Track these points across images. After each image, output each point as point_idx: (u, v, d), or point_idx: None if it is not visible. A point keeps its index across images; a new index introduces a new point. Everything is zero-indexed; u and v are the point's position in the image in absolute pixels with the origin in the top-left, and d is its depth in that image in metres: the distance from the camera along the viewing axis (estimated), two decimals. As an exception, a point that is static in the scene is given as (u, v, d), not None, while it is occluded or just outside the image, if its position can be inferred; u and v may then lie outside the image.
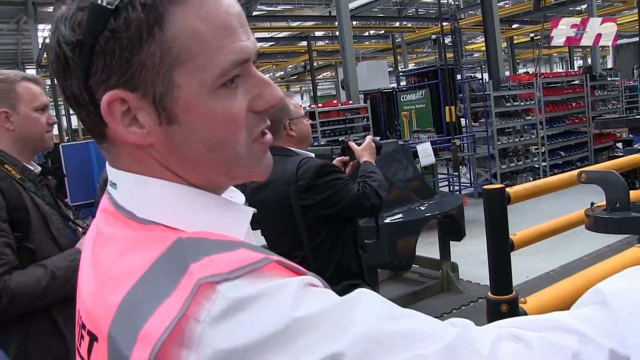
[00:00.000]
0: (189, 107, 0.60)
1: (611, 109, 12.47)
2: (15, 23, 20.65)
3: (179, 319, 0.50)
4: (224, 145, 0.63)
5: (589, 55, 22.28)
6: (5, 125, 1.84)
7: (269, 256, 0.56)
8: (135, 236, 0.60)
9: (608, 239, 5.79)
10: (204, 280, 0.51)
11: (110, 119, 0.60)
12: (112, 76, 0.58)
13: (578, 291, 2.87)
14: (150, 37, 0.57)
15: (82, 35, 0.57)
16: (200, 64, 0.59)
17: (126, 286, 0.56)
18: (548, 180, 3.41)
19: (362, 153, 2.53)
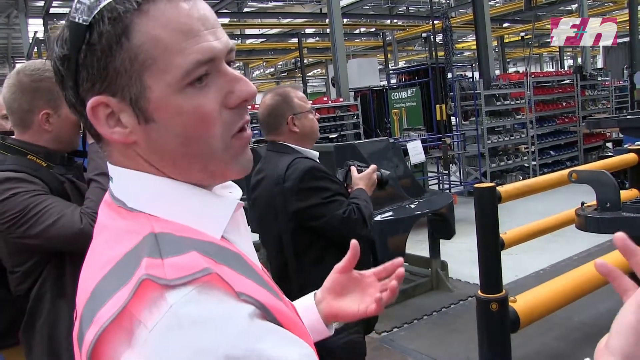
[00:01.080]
0: (160, 106, 0.66)
1: (601, 109, 12.54)
2: (6, 17, 20.47)
3: (122, 307, 0.56)
4: (197, 140, 0.67)
5: (579, 55, 22.41)
6: (44, 127, 1.79)
7: (213, 266, 0.60)
8: (121, 228, 0.67)
9: (598, 239, 5.81)
10: (146, 276, 0.57)
11: (95, 121, 0.67)
12: (95, 84, 0.65)
13: (567, 290, 2.88)
14: (119, 46, 0.64)
15: (68, 50, 0.65)
16: (163, 66, 0.65)
17: (101, 274, 0.62)
18: (539, 180, 3.41)
19: (359, 182, 2.30)
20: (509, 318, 2.56)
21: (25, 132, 1.81)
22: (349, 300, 1.03)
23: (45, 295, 1.76)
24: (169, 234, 0.63)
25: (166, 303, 0.55)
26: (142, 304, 0.56)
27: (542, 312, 2.76)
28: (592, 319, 4.18)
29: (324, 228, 2.14)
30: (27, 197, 1.68)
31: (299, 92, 2.33)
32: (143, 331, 0.55)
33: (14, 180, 1.70)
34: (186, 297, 0.56)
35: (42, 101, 1.76)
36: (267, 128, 2.30)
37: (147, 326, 0.55)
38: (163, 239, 0.62)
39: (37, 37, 16.26)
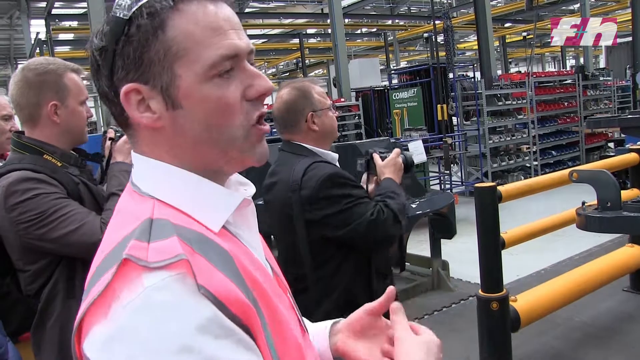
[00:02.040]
0: (188, 94, 0.73)
1: (603, 109, 12.52)
2: (8, 18, 20.49)
3: (105, 285, 0.62)
4: (218, 126, 0.74)
5: (581, 54, 22.40)
6: (53, 118, 1.80)
7: (186, 253, 0.64)
8: (129, 212, 0.73)
9: (598, 238, 5.79)
10: (126, 256, 0.63)
11: (127, 105, 0.74)
12: (129, 73, 0.73)
13: (569, 289, 2.89)
14: (155, 37, 0.72)
15: (106, 42, 0.73)
16: (194, 58, 0.72)
17: (102, 257, 0.69)
18: (539, 179, 3.42)
19: (384, 170, 2.10)
20: (510, 317, 2.57)
21: (35, 127, 1.82)
22: (362, 347, 0.99)
23: (57, 295, 1.77)
24: (165, 220, 0.69)
25: (142, 285, 0.61)
26: (123, 282, 0.62)
27: (542, 312, 2.76)
28: (593, 318, 4.18)
29: (349, 237, 1.92)
30: (48, 199, 1.70)
31: (318, 86, 2.12)
32: (118, 307, 0.61)
33: (34, 181, 1.71)
34: (161, 283, 0.61)
35: (49, 93, 1.78)
36: (283, 125, 2.07)
37: (122, 303, 0.61)
38: (157, 224, 0.68)
39: (39, 38, 16.26)
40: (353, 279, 1.98)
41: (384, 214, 1.92)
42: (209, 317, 0.61)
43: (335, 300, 1.94)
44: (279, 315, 0.74)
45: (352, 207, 1.91)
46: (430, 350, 0.87)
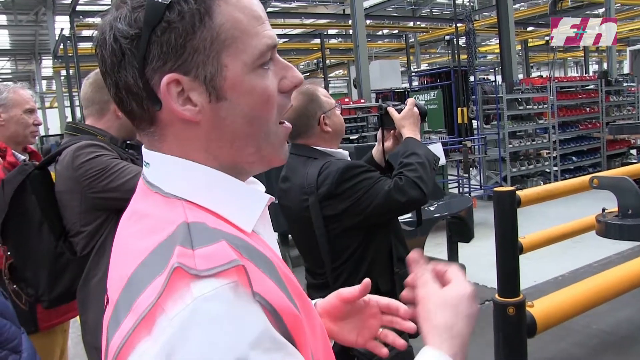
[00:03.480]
0: (235, 85, 0.69)
1: (626, 115, 12.33)
2: (34, 14, 20.83)
3: (157, 297, 0.57)
4: (260, 120, 0.72)
5: (604, 60, 22.11)
6: (117, 114, 2.15)
7: (241, 258, 0.61)
8: (156, 217, 0.68)
9: (618, 246, 5.74)
10: (178, 264, 0.58)
11: (169, 97, 0.68)
12: (167, 62, 0.67)
13: (586, 297, 2.86)
14: (202, 24, 0.67)
15: (139, 29, 0.66)
16: (242, 47, 0.69)
17: (136, 263, 0.63)
18: (559, 185, 3.40)
19: (403, 122, 2.07)
20: (526, 323, 2.56)
21: (101, 119, 2.18)
22: (347, 327, 1.00)
23: (105, 252, 1.99)
24: (202, 224, 0.65)
25: (191, 295, 0.56)
26: (169, 293, 0.57)
27: (559, 318, 2.74)
28: (612, 327, 4.14)
29: (370, 216, 1.94)
30: (108, 158, 2.02)
31: (321, 87, 2.15)
32: (164, 320, 0.55)
33: (96, 146, 2.04)
34: (211, 293, 0.56)
35: None
36: (296, 132, 2.02)
37: (169, 316, 0.55)
38: (195, 229, 0.63)
39: (63, 34, 16.48)
40: (373, 266, 1.99)
41: (401, 181, 1.91)
42: (262, 330, 0.58)
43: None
44: (314, 319, 0.73)
45: (369, 190, 1.92)
46: (459, 306, 0.83)
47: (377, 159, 2.22)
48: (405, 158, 1.98)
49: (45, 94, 29.95)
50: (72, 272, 2.11)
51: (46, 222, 2.09)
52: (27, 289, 2.14)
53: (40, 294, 2.11)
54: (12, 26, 21.94)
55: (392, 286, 2.01)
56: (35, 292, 2.12)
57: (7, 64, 28.58)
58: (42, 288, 2.11)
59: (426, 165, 1.97)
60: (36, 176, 2.10)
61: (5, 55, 26.70)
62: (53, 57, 19.67)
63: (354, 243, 1.99)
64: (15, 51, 26.29)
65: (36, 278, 2.11)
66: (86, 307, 2.07)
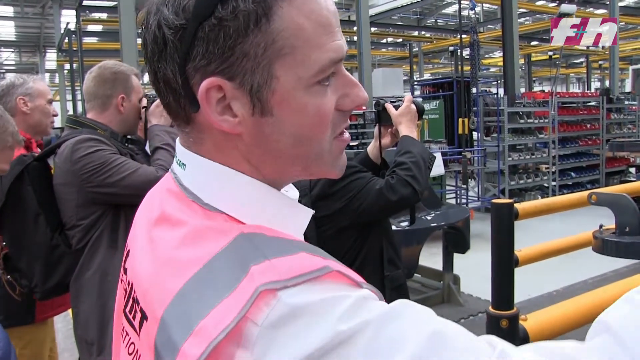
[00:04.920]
0: (284, 101, 0.60)
1: (626, 133, 12.37)
2: (41, 7, 20.86)
3: (237, 321, 0.50)
4: (310, 141, 0.63)
5: (607, 77, 22.17)
6: (119, 108, 2.20)
7: (330, 264, 0.55)
8: (201, 224, 0.61)
9: (614, 264, 5.73)
10: (263, 287, 0.51)
11: (207, 105, 0.60)
12: (211, 63, 0.59)
13: (580, 313, 2.85)
14: (257, 27, 0.58)
15: (185, 19, 0.58)
16: (300, 59, 0.60)
17: (186, 275, 0.56)
18: (557, 199, 3.38)
19: (400, 119, 2.06)
20: (519, 336, 2.54)
21: (103, 113, 2.20)
22: None
23: (101, 246, 2.05)
24: (261, 234, 0.58)
25: (276, 298, 0.50)
26: (253, 307, 0.51)
27: (553, 333, 2.73)
28: (604, 344, 4.13)
29: (362, 215, 1.95)
30: (107, 153, 2.04)
31: None
32: (253, 329, 0.50)
33: (96, 140, 2.06)
34: (296, 289, 0.51)
35: (120, 88, 2.19)
36: None
37: (257, 322, 0.50)
38: (258, 239, 0.57)
39: (69, 28, 16.50)
40: (364, 267, 1.99)
41: (392, 179, 1.92)
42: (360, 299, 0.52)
43: None
44: None
45: (361, 190, 1.93)
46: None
47: (373, 155, 2.21)
48: (400, 157, 1.98)
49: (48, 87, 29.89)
50: (66, 265, 2.12)
51: (42, 214, 2.09)
52: (21, 280, 2.13)
53: (33, 286, 2.12)
54: (18, 18, 21.97)
55: (382, 288, 2.00)
56: (29, 284, 2.12)
57: (11, 55, 28.59)
58: (35, 279, 2.12)
59: (420, 163, 1.96)
60: (34, 167, 2.10)
61: (10, 46, 26.72)
62: (57, 51, 19.68)
63: (346, 244, 2.00)
64: (20, 43, 26.32)
65: (30, 269, 2.11)
66: (78, 300, 2.08)
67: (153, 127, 2.27)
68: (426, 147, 2.04)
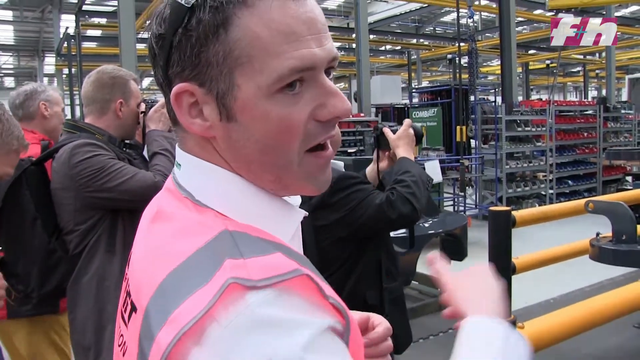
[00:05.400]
0: (246, 108, 0.62)
1: (623, 142, 12.42)
2: (40, 12, 20.87)
3: (205, 311, 0.52)
4: (275, 149, 0.64)
5: (604, 86, 22.27)
6: (118, 113, 2.19)
7: (301, 267, 0.56)
8: (190, 220, 0.63)
9: (611, 271, 5.73)
10: (233, 280, 0.53)
11: (177, 108, 0.65)
12: (185, 69, 0.63)
13: (577, 321, 2.86)
14: (215, 37, 0.60)
15: (165, 30, 0.63)
16: (258, 67, 0.61)
17: (170, 267, 0.58)
18: (554, 207, 3.40)
19: (398, 143, 2.08)
20: (516, 344, 2.55)
21: (101, 117, 2.18)
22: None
23: (98, 251, 2.02)
24: (244, 233, 0.60)
25: (244, 301, 0.52)
26: (221, 304, 0.52)
27: (549, 341, 2.74)
28: (601, 352, 4.13)
29: (361, 228, 1.93)
30: (105, 158, 2.03)
31: None
32: (216, 329, 0.51)
33: (93, 145, 2.05)
34: (265, 298, 0.52)
35: (118, 92, 2.18)
36: None
37: (221, 324, 0.51)
38: (240, 238, 0.59)
39: (68, 33, 16.52)
40: (361, 279, 1.99)
41: (393, 196, 1.90)
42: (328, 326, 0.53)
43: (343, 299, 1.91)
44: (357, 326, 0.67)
45: (361, 202, 1.92)
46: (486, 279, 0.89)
47: (371, 178, 2.22)
48: (399, 175, 1.98)
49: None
50: (63, 270, 2.12)
51: (39, 219, 2.08)
52: (18, 285, 2.13)
53: (30, 290, 2.11)
54: (17, 22, 21.97)
55: (380, 301, 2.00)
56: (26, 288, 2.12)
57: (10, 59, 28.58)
58: (32, 284, 2.11)
59: (419, 183, 1.96)
60: (32, 172, 2.09)
61: (9, 50, 26.71)
62: (56, 55, 19.68)
63: (343, 255, 1.99)
64: (19, 47, 26.31)
65: (27, 274, 2.11)
66: (75, 305, 2.07)
67: (151, 132, 2.26)
68: (424, 170, 2.06)
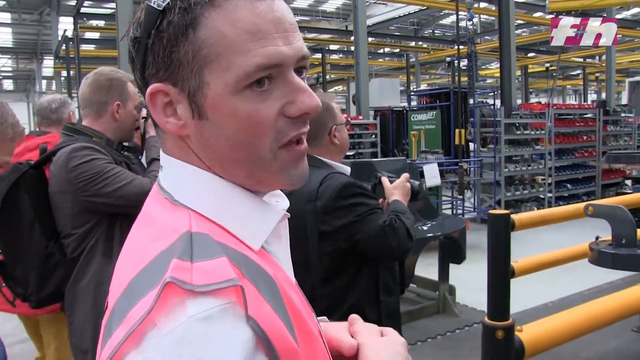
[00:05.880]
0: (215, 105, 0.65)
1: (622, 145, 12.42)
2: (39, 14, 20.88)
3: (148, 312, 0.54)
4: (246, 146, 0.66)
5: (603, 89, 22.29)
6: (115, 115, 2.18)
7: (237, 277, 0.57)
8: (163, 223, 0.65)
9: (610, 275, 5.73)
10: (170, 279, 0.55)
11: (152, 107, 0.67)
12: (159, 71, 0.65)
13: (576, 325, 2.84)
14: (184, 37, 0.63)
15: (140, 33, 0.66)
16: (225, 65, 0.63)
17: (136, 270, 0.60)
18: (554, 211, 3.39)
19: (393, 192, 2.11)
20: (514, 347, 2.53)
21: (98, 120, 2.18)
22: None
23: (95, 255, 2.03)
24: (206, 235, 0.61)
25: (185, 313, 0.53)
26: (163, 308, 0.54)
27: (548, 344, 2.72)
28: (600, 356, 4.12)
29: (363, 245, 1.92)
30: (102, 162, 2.02)
31: (335, 102, 2.18)
32: (155, 335, 0.53)
33: (91, 149, 2.05)
34: (205, 313, 0.54)
35: (115, 94, 2.17)
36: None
37: (161, 331, 0.53)
38: (198, 240, 0.60)
39: (66, 35, 16.52)
40: (361, 295, 1.97)
41: (396, 223, 1.91)
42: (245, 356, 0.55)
43: (344, 314, 1.91)
44: (315, 347, 0.67)
45: (366, 216, 1.91)
46: (397, 348, 0.83)
47: None
48: (398, 210, 2.01)
49: (45, 94, 29.90)
50: (61, 274, 2.11)
51: (38, 222, 2.08)
52: (17, 288, 2.12)
53: (28, 294, 2.11)
54: (15, 24, 21.98)
55: (377, 314, 2.00)
56: (24, 292, 2.11)
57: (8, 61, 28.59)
58: (30, 287, 2.11)
59: (413, 225, 1.98)
60: (31, 175, 2.09)
61: (7, 53, 26.72)
62: (54, 58, 19.68)
63: (341, 265, 1.97)
64: (17, 50, 26.32)
65: (25, 277, 2.11)
66: (73, 309, 2.07)
67: (150, 138, 2.27)
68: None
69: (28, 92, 35.93)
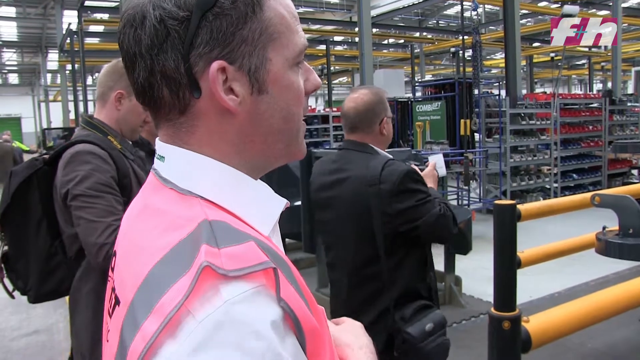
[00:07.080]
0: (276, 79, 0.70)
1: (629, 135, 12.34)
2: (43, 8, 20.91)
3: (184, 299, 0.54)
4: (293, 116, 0.73)
5: (609, 79, 22.16)
6: (116, 105, 2.11)
7: (268, 260, 0.59)
8: (174, 213, 0.65)
9: (616, 266, 5.73)
10: (207, 263, 0.55)
11: (216, 85, 0.66)
12: (214, 49, 0.65)
13: (582, 315, 2.84)
14: (254, 15, 0.67)
15: (189, 11, 0.64)
16: (285, 42, 0.70)
17: (154, 260, 0.60)
18: (560, 201, 3.37)
19: (426, 180, 2.23)
20: (521, 338, 2.53)
21: (103, 107, 2.12)
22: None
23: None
24: (223, 222, 0.62)
25: (220, 298, 0.54)
26: (196, 294, 0.54)
27: (554, 335, 2.72)
28: (607, 346, 4.12)
29: (420, 228, 2.06)
30: (92, 182, 1.90)
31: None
32: (191, 322, 0.53)
33: (94, 156, 1.95)
34: (241, 297, 0.55)
35: (122, 83, 2.08)
36: (357, 124, 2.19)
37: (196, 318, 0.53)
38: (218, 227, 0.61)
39: (70, 29, 16.53)
40: (412, 273, 2.13)
41: (448, 211, 2.10)
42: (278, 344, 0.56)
43: (402, 294, 2.09)
44: (325, 329, 0.69)
45: (424, 203, 2.05)
46: (356, 330, 0.91)
47: None
48: (438, 197, 2.16)
49: (50, 87, 29.98)
50: (62, 274, 2.09)
51: (45, 220, 2.06)
52: (17, 281, 2.12)
53: (28, 289, 2.10)
54: (20, 18, 22.02)
55: (429, 292, 2.18)
56: (24, 286, 2.11)
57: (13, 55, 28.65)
58: (31, 283, 2.10)
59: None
60: (44, 172, 2.06)
61: (12, 47, 26.78)
62: (59, 51, 19.74)
63: (403, 246, 2.10)
64: (22, 43, 26.38)
65: (27, 272, 2.10)
66: (75, 311, 2.05)
67: None
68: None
69: (33, 85, 36.04)
